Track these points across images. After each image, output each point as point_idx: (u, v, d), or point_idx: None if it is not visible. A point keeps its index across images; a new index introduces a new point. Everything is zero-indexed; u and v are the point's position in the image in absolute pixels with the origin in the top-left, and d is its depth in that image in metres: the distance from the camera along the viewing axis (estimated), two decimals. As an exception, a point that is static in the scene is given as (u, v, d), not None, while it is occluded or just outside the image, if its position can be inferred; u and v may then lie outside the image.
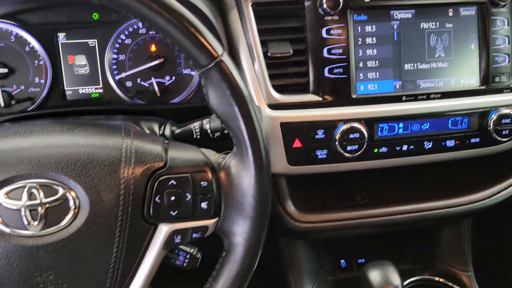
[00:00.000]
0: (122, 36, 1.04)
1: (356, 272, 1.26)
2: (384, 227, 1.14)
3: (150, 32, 1.05)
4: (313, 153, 0.97)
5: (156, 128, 0.85)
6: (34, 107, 1.01)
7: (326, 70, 0.97)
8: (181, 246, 0.71)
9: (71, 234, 0.60)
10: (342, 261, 1.28)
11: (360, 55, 0.99)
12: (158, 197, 0.63)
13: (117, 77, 1.05)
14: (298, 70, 0.98)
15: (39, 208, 0.59)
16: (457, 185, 1.17)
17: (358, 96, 0.99)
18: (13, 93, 1.01)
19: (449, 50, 1.03)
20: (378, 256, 1.12)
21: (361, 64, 0.99)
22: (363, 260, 1.28)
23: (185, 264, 0.77)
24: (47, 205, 0.59)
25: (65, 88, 1.04)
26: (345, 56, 0.97)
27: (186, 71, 1.07)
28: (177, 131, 0.84)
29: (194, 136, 0.82)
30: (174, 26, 0.59)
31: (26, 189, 0.59)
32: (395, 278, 0.93)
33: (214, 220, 0.66)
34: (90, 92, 1.05)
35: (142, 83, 1.06)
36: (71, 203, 0.60)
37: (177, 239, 0.65)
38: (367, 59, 0.99)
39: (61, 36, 1.02)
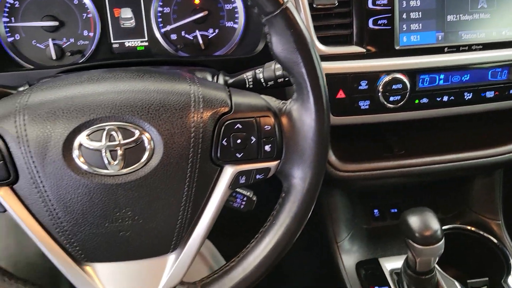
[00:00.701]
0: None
1: (389, 221, 1.31)
2: (420, 176, 1.17)
3: (195, -15, 1.06)
4: (356, 103, 1.00)
5: (209, 77, 0.88)
6: (84, 60, 1.04)
7: (370, 21, 0.98)
8: (238, 190, 0.75)
9: (147, 173, 0.64)
10: (375, 211, 1.32)
11: (404, 6, 1.00)
12: (225, 140, 0.67)
13: (162, 30, 1.07)
14: (342, 21, 1.00)
15: (118, 149, 0.63)
16: (490, 136, 1.19)
17: (401, 48, 1.01)
18: (63, 46, 1.04)
19: (491, 0, 1.03)
20: (410, 206, 1.15)
21: (404, 16, 1.00)
22: (395, 210, 1.32)
23: (242, 207, 0.82)
24: (125, 146, 0.63)
25: (112, 41, 1.06)
26: (389, 7, 0.98)
27: (229, 24, 1.09)
28: (230, 80, 0.86)
29: (247, 85, 0.85)
30: None
31: (105, 131, 0.62)
32: (435, 223, 0.96)
33: (276, 163, 0.70)
34: (135, 45, 1.07)
35: (186, 36, 1.08)
36: (147, 144, 0.64)
37: (242, 180, 0.69)
38: (411, 10, 1.00)
39: (108, -11, 1.04)
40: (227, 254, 1.03)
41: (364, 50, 0.99)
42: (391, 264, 1.18)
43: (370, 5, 0.98)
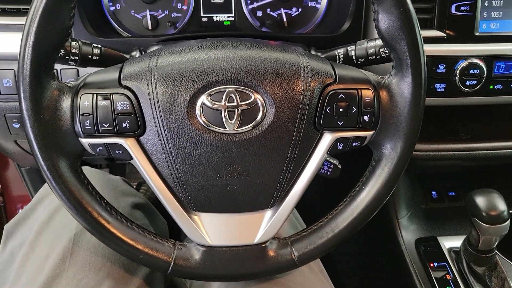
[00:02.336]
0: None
1: (446, 203, 1.36)
2: (484, 160, 1.21)
3: (282, -35, 1.12)
4: (432, 86, 1.05)
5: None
6: (176, 32, 1.12)
7: (453, 7, 1.02)
8: (327, 157, 0.82)
9: (258, 133, 0.71)
10: (434, 192, 1.37)
11: (486, -7, 1.03)
12: (328, 108, 0.73)
13: (249, 7, 1.13)
14: (424, 6, 1.04)
15: (235, 110, 0.70)
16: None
17: (480, 34, 1.04)
18: (158, 17, 1.11)
19: None
20: (467, 190, 1.19)
21: (486, 3, 1.03)
22: (453, 193, 1.37)
23: (328, 173, 0.88)
24: (242, 108, 0.70)
25: (202, 15, 1.13)
26: (473, -6, 1.02)
27: (312, 4, 1.14)
28: (321, 56, 0.92)
29: (337, 61, 0.90)
30: None
31: (225, 93, 0.69)
32: (502, 204, 1.01)
33: (371, 132, 0.75)
34: (223, 20, 1.14)
35: (271, 13, 1.14)
36: (260, 107, 0.70)
37: (340, 146, 0.75)
38: (493, -2, 1.04)
39: (200, -34, 1.10)
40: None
41: (444, 35, 1.03)
42: (450, 242, 1.23)
43: (454, -9, 1.02)
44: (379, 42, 0.86)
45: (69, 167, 0.71)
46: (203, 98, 0.69)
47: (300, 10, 1.14)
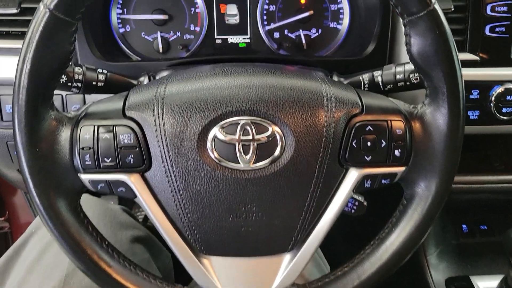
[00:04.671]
0: (275, -12, 1.05)
1: (478, 238, 1.26)
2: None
3: (302, -16, 1.05)
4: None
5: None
6: (189, 55, 1.06)
7: (487, 28, 0.95)
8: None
9: (276, 170, 0.63)
10: (464, 226, 1.27)
11: (524, 14, 0.95)
12: (354, 141, 0.65)
13: (266, 28, 1.07)
14: (456, 27, 0.96)
15: (251, 144, 0.63)
16: None
17: (517, 57, 0.96)
18: (170, 39, 1.06)
19: None
20: (502, 223, 1.10)
21: (523, 24, 0.96)
22: (485, 227, 1.27)
23: (353, 211, 0.80)
24: (258, 141, 0.63)
25: (216, 37, 1.07)
26: (509, 14, 0.94)
27: (332, 25, 1.07)
28: (344, 81, 0.85)
29: (362, 88, 0.83)
30: None
31: (240, 125, 0.62)
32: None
33: (403, 168, 0.67)
34: (238, 41, 1.08)
35: (289, 34, 1.07)
36: (279, 141, 0.63)
37: (367, 184, 0.68)
38: (531, 18, 0.96)
39: (216, -14, 1.05)
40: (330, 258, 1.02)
41: (478, 58, 0.96)
42: (484, 282, 1.13)
43: (488, 11, 0.94)
44: (408, 67, 0.79)
45: (68, 205, 0.65)
46: (215, 131, 0.62)
47: (320, 31, 1.07)
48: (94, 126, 0.63)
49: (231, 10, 1.06)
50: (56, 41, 0.59)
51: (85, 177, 0.64)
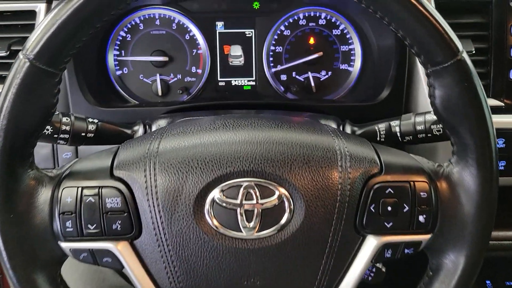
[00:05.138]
0: (282, 27, 0.99)
1: (504, 296, 1.15)
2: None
3: (310, 24, 0.99)
4: (489, 163, 0.88)
5: (334, 126, 0.79)
6: (190, 98, 0.99)
7: (511, 72, 0.87)
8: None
9: (284, 239, 0.55)
10: (488, 282, 1.16)
11: (550, 57, 0.88)
12: (373, 206, 0.57)
13: (272, 70, 1.00)
14: (478, 70, 0.89)
15: (255, 209, 0.55)
16: None
17: (545, 103, 0.89)
18: (170, 82, 0.99)
19: None
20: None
21: (550, 67, 0.88)
22: (511, 284, 1.16)
23: (370, 278, 0.71)
24: (263, 207, 0.55)
25: (219, 79, 1.01)
26: (535, 57, 0.87)
27: (343, 67, 1.01)
28: (359, 131, 0.77)
29: (378, 138, 0.76)
30: (410, 13, 0.52)
31: (242, 188, 0.55)
32: None
33: (428, 236, 0.59)
34: (242, 84, 1.01)
35: (297, 77, 1.01)
36: (287, 206, 0.55)
37: (388, 254, 0.59)
38: (558, 61, 0.89)
39: (219, 25, 0.99)
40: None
41: (503, 104, 0.88)
42: None
43: (512, 54, 0.87)
44: (429, 117, 0.72)
45: (46, 278, 0.56)
46: (214, 194, 0.55)
47: (330, 73, 1.01)
48: (78, 188, 0.56)
49: (236, 51, 1.00)
50: (37, 94, 0.52)
51: (66, 246, 0.56)
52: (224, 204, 0.54)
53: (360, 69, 1.00)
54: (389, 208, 0.57)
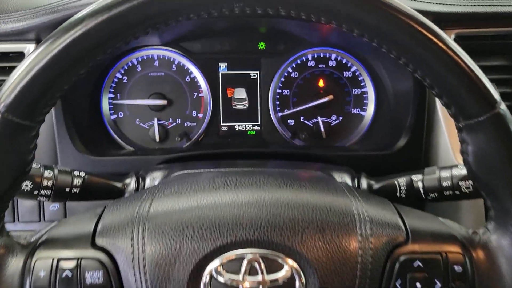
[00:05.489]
0: (289, 69, 0.93)
1: None
2: None
3: (320, 65, 0.93)
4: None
5: (348, 180, 0.72)
6: (190, 144, 0.92)
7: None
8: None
9: None
10: None
11: None
12: (399, 282, 0.49)
13: (279, 114, 0.93)
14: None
15: (260, 287, 0.46)
16: None
17: None
18: (168, 127, 0.92)
19: None
20: None
21: None
22: None
23: None
24: (269, 284, 0.46)
25: (221, 124, 0.94)
26: None
27: (355, 111, 0.94)
28: (376, 186, 0.70)
29: (398, 194, 0.68)
30: (440, 59, 0.45)
31: (245, 261, 0.46)
32: None
33: None
34: (246, 129, 0.94)
35: (305, 122, 0.94)
36: (297, 283, 0.47)
37: None
38: None
39: (222, 66, 0.93)
40: None
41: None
42: None
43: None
44: (457, 171, 0.64)
45: None
46: (213, 268, 0.47)
47: (341, 118, 0.94)
48: (53, 259, 0.48)
49: (239, 94, 0.93)
50: (9, 151, 0.45)
51: None
52: (223, 280, 0.46)
53: (373, 114, 0.93)
54: (419, 285, 0.48)
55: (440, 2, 0.80)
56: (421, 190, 0.66)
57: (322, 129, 0.92)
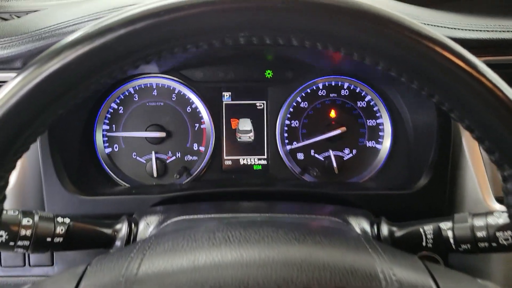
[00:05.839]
0: (298, 99, 0.86)
1: None
2: None
3: (331, 95, 0.86)
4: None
5: (367, 226, 0.64)
6: (191, 180, 0.84)
7: None
8: None
9: None
10: None
11: None
12: None
13: (287, 148, 0.86)
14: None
15: None
16: None
17: None
18: (167, 161, 0.85)
19: None
20: None
21: None
22: None
23: None
24: None
25: (224, 158, 0.86)
26: None
27: (370, 144, 0.86)
28: (398, 233, 0.62)
29: (424, 244, 0.60)
30: (485, 100, 0.38)
31: None
32: None
33: None
34: (252, 163, 0.87)
35: (316, 156, 0.86)
36: None
37: None
38: None
39: (226, 95, 0.86)
40: None
41: None
42: None
43: None
44: (493, 220, 0.57)
45: None
46: None
47: (354, 152, 0.86)
48: None
49: (245, 125, 0.86)
50: None
51: None
52: None
53: (390, 147, 0.85)
54: None
55: (464, 28, 0.73)
56: (451, 240, 0.58)
57: (335, 164, 0.85)
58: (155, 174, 0.83)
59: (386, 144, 0.85)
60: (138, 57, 0.38)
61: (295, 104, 0.86)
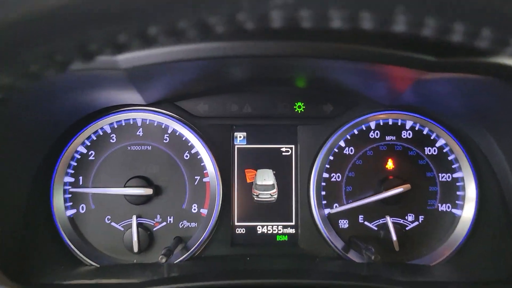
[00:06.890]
0: (341, 143, 0.62)
1: None
2: None
3: (387, 137, 0.62)
4: None
5: None
6: (186, 257, 0.59)
7: None
8: None
9: None
10: None
11: None
12: None
13: (325, 211, 0.61)
14: None
15: None
16: None
17: None
18: (153, 230, 0.60)
19: None
20: None
21: None
22: None
23: None
24: None
25: (235, 224, 0.62)
26: None
27: (443, 208, 0.61)
28: None
29: None
30: None
31: None
32: None
33: None
34: (274, 232, 0.62)
35: (366, 224, 0.61)
36: None
37: None
38: None
39: (239, 137, 0.62)
40: None
41: None
42: None
43: None
44: None
45: None
46: None
47: (421, 219, 0.61)
48: None
49: (264, 178, 0.62)
50: None
51: None
52: None
53: (475, 214, 0.60)
54: None
55: None
56: None
57: (394, 237, 0.59)
58: (135, 249, 0.59)
59: (468, 209, 0.60)
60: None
61: (336, 150, 0.62)
